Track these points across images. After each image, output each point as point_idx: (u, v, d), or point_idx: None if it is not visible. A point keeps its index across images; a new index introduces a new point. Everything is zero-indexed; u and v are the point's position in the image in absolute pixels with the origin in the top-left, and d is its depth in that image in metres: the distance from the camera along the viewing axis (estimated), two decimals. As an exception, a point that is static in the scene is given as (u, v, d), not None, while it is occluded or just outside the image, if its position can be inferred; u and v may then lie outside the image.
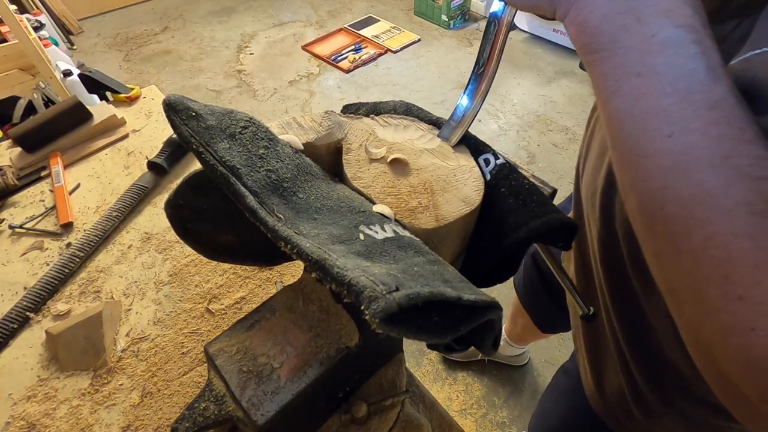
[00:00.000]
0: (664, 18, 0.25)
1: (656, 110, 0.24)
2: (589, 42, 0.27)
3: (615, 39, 0.26)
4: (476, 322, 0.29)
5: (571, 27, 0.29)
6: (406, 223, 0.38)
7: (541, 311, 0.89)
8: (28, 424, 0.55)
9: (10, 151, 0.88)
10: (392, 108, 0.49)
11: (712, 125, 0.23)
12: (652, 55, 0.25)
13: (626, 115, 0.26)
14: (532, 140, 2.19)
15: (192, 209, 0.42)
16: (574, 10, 0.28)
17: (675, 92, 0.24)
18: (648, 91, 0.25)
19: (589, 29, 0.27)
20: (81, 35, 2.99)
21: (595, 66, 0.28)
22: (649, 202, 0.25)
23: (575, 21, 0.28)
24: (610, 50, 0.26)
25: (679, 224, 0.24)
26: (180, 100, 0.34)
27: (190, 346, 0.62)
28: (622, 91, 0.26)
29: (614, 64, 0.26)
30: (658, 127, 0.24)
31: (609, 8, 0.27)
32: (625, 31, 0.26)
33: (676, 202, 0.24)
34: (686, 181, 0.23)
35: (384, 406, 0.50)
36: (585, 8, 0.28)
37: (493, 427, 1.32)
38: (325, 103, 2.45)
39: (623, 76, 0.26)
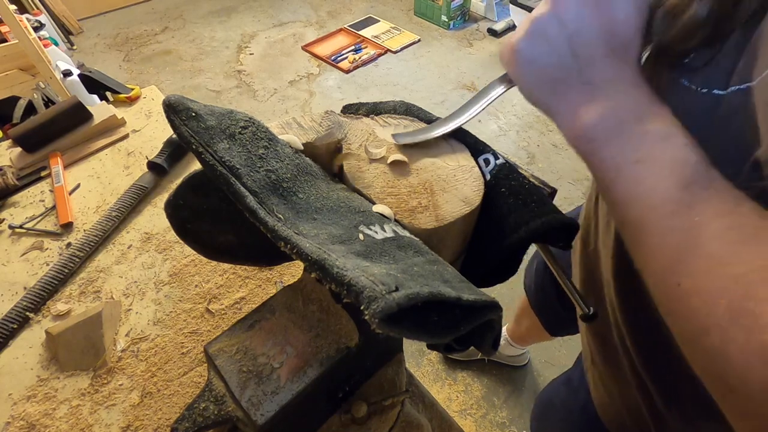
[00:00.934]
0: (655, 117, 0.29)
1: (657, 191, 0.27)
2: (586, 131, 0.31)
3: (612, 131, 0.29)
4: (476, 322, 0.29)
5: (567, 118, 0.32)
6: (406, 223, 0.38)
7: (551, 316, 0.89)
8: (28, 424, 0.55)
9: (10, 151, 0.88)
10: (392, 108, 0.49)
11: (713, 201, 0.25)
12: (649, 146, 0.28)
13: (630, 197, 0.28)
14: (532, 140, 2.19)
15: (192, 209, 0.42)
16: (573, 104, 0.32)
17: (672, 176, 0.27)
18: (649, 175, 0.27)
19: (587, 120, 0.31)
20: (81, 35, 2.99)
21: (594, 154, 0.31)
22: (664, 280, 0.26)
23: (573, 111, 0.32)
24: (607, 140, 0.30)
25: (698, 299, 0.24)
26: (180, 100, 0.34)
27: (190, 346, 0.62)
28: (624, 176, 0.29)
29: (613, 152, 0.29)
30: (662, 205, 0.27)
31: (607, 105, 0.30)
32: (621, 124, 0.29)
33: (690, 276, 0.25)
34: (697, 255, 0.25)
35: (384, 406, 0.50)
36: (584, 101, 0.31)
37: (492, 427, 1.32)
38: (325, 103, 2.45)
39: (623, 163, 0.29)
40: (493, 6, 2.98)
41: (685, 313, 0.25)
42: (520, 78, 0.35)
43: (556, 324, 0.90)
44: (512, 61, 0.35)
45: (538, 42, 0.33)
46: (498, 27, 2.86)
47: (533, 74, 0.34)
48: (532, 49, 0.33)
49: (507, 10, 2.91)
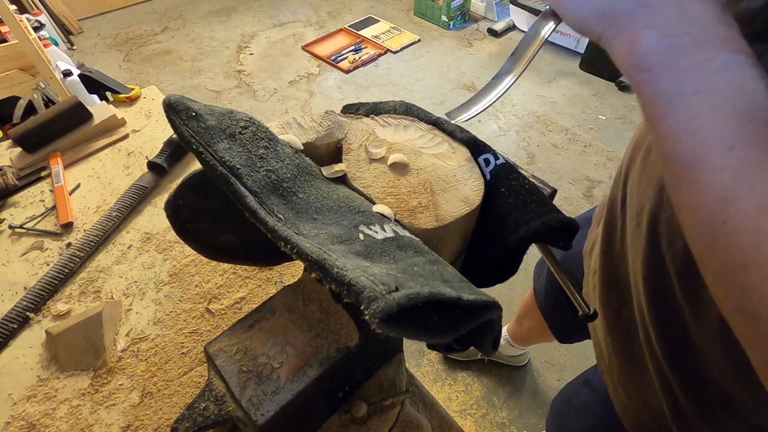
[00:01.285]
0: (722, 43, 0.26)
1: (715, 126, 0.24)
2: (641, 60, 0.27)
3: (671, 58, 0.26)
4: (476, 322, 0.29)
5: (621, 46, 0.29)
6: (406, 223, 0.38)
7: (561, 322, 0.87)
8: (28, 424, 0.55)
9: (10, 151, 0.88)
10: (392, 108, 0.49)
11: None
12: (711, 75, 0.25)
13: (682, 131, 0.26)
14: (532, 140, 2.19)
15: (192, 209, 0.42)
16: (627, 28, 0.28)
17: (734, 110, 0.24)
18: (706, 108, 0.25)
19: (642, 48, 0.27)
20: (81, 35, 2.99)
21: (646, 85, 0.28)
22: (710, 217, 0.25)
23: (628, 39, 0.28)
24: (664, 69, 0.26)
25: (744, 237, 0.23)
26: (180, 100, 0.34)
27: (190, 346, 0.62)
28: (677, 108, 0.26)
29: (669, 82, 0.26)
30: (717, 141, 0.24)
31: (666, 30, 0.27)
32: (681, 51, 0.26)
33: (739, 214, 0.23)
34: (750, 193, 0.23)
35: (384, 406, 0.50)
36: (640, 27, 0.28)
37: (492, 427, 1.32)
38: (325, 103, 2.45)
39: (679, 94, 0.26)
40: (493, 6, 2.98)
41: (726, 249, 0.24)
42: (569, 6, 0.32)
43: (565, 330, 0.88)
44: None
45: None
46: (498, 27, 2.86)
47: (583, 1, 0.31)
48: None
49: (507, 10, 2.91)
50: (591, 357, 0.67)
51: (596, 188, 1.96)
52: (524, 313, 1.14)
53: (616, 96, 2.41)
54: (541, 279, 0.90)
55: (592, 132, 2.22)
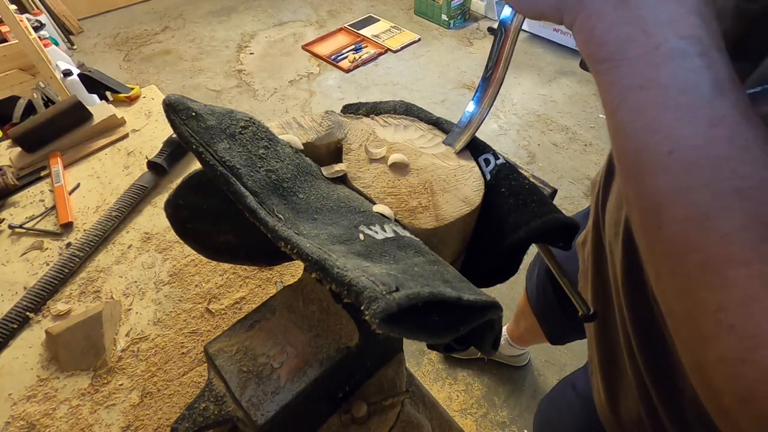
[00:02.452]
0: (669, 28, 0.24)
1: (658, 125, 0.24)
2: (595, 51, 0.27)
3: (621, 49, 0.26)
4: (476, 322, 0.29)
5: (579, 35, 0.28)
6: (406, 223, 0.38)
7: (553, 323, 0.87)
8: (28, 424, 0.55)
9: (10, 151, 0.88)
10: (392, 108, 0.49)
11: (713, 144, 0.22)
12: (656, 68, 0.24)
13: (630, 128, 0.25)
14: (532, 140, 2.19)
15: (192, 209, 0.42)
16: (580, 18, 0.28)
17: (677, 107, 0.23)
18: (650, 105, 0.24)
19: (596, 38, 0.27)
20: (81, 35, 2.99)
21: (602, 76, 0.27)
22: (649, 220, 0.25)
23: (583, 29, 0.28)
24: (616, 60, 0.26)
25: (675, 246, 0.23)
26: (180, 100, 0.34)
27: (190, 346, 0.62)
28: (626, 103, 0.25)
29: (620, 74, 0.26)
30: (659, 143, 0.24)
31: (615, 17, 0.26)
32: (630, 41, 0.25)
33: (673, 222, 0.23)
34: (684, 202, 0.23)
35: (384, 406, 0.50)
36: (591, 17, 0.27)
37: (493, 426, 1.32)
38: (325, 103, 2.44)
39: (628, 88, 0.25)
40: (493, 5, 2.98)
41: (660, 255, 0.24)
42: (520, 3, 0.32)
43: (558, 332, 0.88)
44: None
45: None
46: (498, 26, 2.86)
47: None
48: None
49: (507, 9, 2.91)
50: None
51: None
52: (520, 314, 1.14)
53: (617, 95, 2.41)
54: (533, 280, 0.90)
55: (592, 131, 2.22)
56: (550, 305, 0.84)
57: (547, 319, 0.88)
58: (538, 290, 0.87)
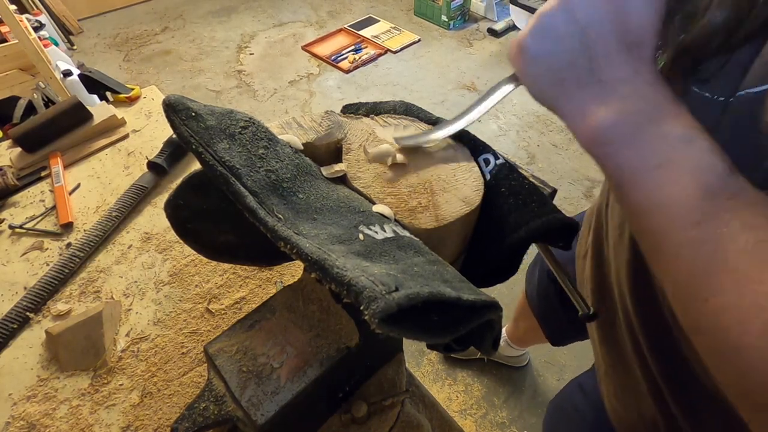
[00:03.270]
0: (675, 120, 0.27)
1: (680, 199, 0.25)
2: (601, 134, 0.29)
3: (628, 133, 0.27)
4: (476, 322, 0.29)
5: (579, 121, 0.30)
6: (406, 223, 0.38)
7: (554, 324, 0.87)
8: (28, 424, 0.55)
9: (10, 151, 0.88)
10: (392, 108, 0.49)
11: (739, 212, 0.24)
12: (670, 149, 0.26)
13: (651, 205, 0.27)
14: (532, 140, 2.19)
15: (192, 209, 0.42)
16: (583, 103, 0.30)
17: (696, 183, 0.25)
18: (670, 182, 0.26)
19: (601, 121, 0.29)
20: (81, 35, 2.99)
21: (609, 158, 0.29)
22: (691, 293, 0.25)
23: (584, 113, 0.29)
24: (623, 143, 0.28)
25: (728, 316, 0.23)
26: (180, 100, 0.35)
27: (190, 346, 0.62)
28: (643, 182, 0.27)
29: (630, 156, 0.27)
30: (685, 215, 0.25)
31: (620, 107, 0.28)
32: (638, 127, 0.27)
33: (719, 292, 0.24)
34: (726, 269, 0.23)
35: (384, 406, 0.50)
36: (595, 102, 0.29)
37: (493, 427, 1.32)
38: (325, 103, 2.44)
39: (642, 168, 0.27)
40: (493, 6, 2.98)
41: (714, 330, 0.24)
42: (527, 76, 0.33)
43: (559, 334, 0.87)
44: (518, 58, 0.33)
45: (545, 37, 0.31)
46: (498, 27, 2.86)
47: (540, 71, 0.32)
48: (539, 44, 0.31)
49: (507, 10, 2.91)
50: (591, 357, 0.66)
51: (596, 188, 1.96)
52: (520, 315, 1.14)
53: (616, 96, 2.41)
54: (533, 282, 0.89)
55: (592, 132, 2.22)
56: (551, 306, 0.84)
57: (548, 321, 0.88)
58: (539, 291, 0.87)
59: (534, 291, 0.89)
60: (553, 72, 0.31)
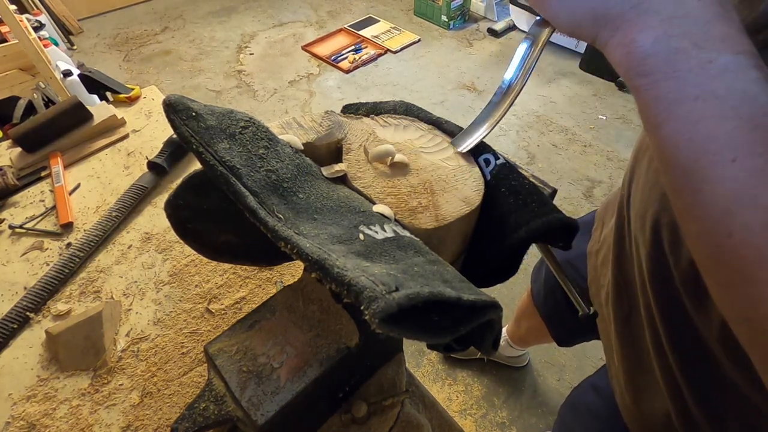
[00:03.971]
0: (722, 43, 0.24)
1: (717, 134, 0.24)
2: (638, 65, 0.27)
3: (669, 62, 0.25)
4: (476, 322, 0.29)
5: (617, 49, 0.28)
6: (406, 223, 0.38)
7: (561, 324, 0.86)
8: (28, 424, 0.55)
9: (10, 151, 0.88)
10: (392, 108, 0.49)
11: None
12: (712, 79, 0.24)
13: (682, 139, 0.25)
14: (532, 140, 2.19)
15: (192, 209, 0.42)
16: (621, 31, 0.27)
17: (737, 116, 0.23)
18: (708, 115, 0.24)
19: (639, 51, 0.26)
20: (81, 35, 2.99)
21: (645, 90, 0.27)
22: (714, 229, 0.24)
23: (623, 42, 0.27)
24: (663, 73, 0.25)
25: (750, 251, 0.23)
26: (180, 100, 0.35)
27: (190, 346, 0.62)
28: (677, 115, 0.25)
29: (668, 87, 0.25)
30: (720, 151, 0.23)
31: (662, 31, 0.26)
32: (680, 54, 0.25)
33: (744, 228, 0.23)
34: (755, 207, 0.23)
35: (384, 406, 0.50)
36: (634, 29, 0.27)
37: (492, 427, 1.32)
38: (325, 103, 2.44)
39: (679, 100, 0.25)
40: (493, 6, 2.98)
41: (731, 262, 0.24)
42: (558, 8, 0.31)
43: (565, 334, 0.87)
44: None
45: None
46: (498, 27, 2.86)
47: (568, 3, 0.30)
48: None
49: (507, 10, 2.91)
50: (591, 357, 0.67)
51: (596, 188, 1.96)
52: (522, 315, 1.13)
53: (616, 96, 2.41)
54: (540, 281, 0.89)
55: (592, 132, 2.22)
56: (557, 306, 0.83)
57: (555, 320, 0.87)
58: (545, 291, 0.86)
59: (540, 289, 0.88)
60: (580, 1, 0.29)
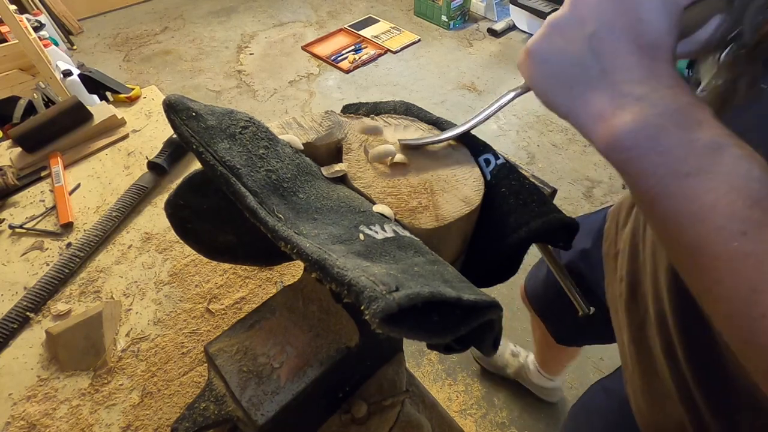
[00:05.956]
0: (700, 126, 0.25)
1: (719, 209, 0.23)
2: (622, 139, 0.27)
3: (653, 137, 0.26)
4: (476, 322, 0.29)
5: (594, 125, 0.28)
6: (406, 223, 0.38)
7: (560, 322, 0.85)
8: (28, 424, 0.55)
9: (10, 151, 0.88)
10: (392, 108, 0.49)
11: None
12: (700, 157, 0.24)
13: (684, 216, 0.25)
14: (532, 140, 2.19)
15: (192, 209, 0.42)
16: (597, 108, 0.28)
17: (734, 190, 0.23)
18: (704, 192, 0.24)
19: (618, 127, 0.27)
20: (81, 35, 2.99)
21: (630, 165, 0.27)
22: (743, 311, 0.23)
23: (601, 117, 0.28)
24: (648, 148, 0.26)
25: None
26: (180, 100, 0.35)
27: (190, 346, 0.62)
28: (671, 191, 0.25)
29: (655, 163, 0.25)
30: (726, 225, 0.23)
31: (639, 109, 0.26)
32: (663, 131, 0.25)
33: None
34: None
35: (384, 406, 0.50)
36: (611, 106, 0.27)
37: (493, 427, 1.32)
38: (325, 103, 2.44)
39: (670, 175, 0.25)
40: (493, 6, 2.98)
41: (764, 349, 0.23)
42: (537, 81, 0.32)
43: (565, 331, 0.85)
44: (526, 64, 0.32)
45: (553, 41, 0.30)
46: (498, 27, 2.86)
47: (548, 75, 0.31)
48: (546, 48, 0.31)
49: (507, 10, 2.91)
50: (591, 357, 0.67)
51: (596, 188, 1.96)
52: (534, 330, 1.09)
53: (616, 96, 2.41)
54: (536, 279, 0.88)
55: (592, 132, 2.22)
56: (557, 306, 0.82)
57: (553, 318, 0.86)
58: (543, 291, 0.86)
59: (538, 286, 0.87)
60: (560, 74, 0.30)
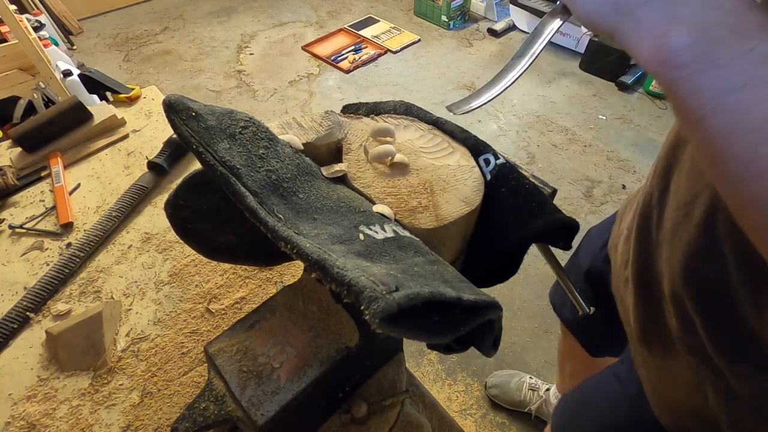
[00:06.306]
0: (760, 32, 0.24)
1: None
2: (673, 57, 0.25)
3: (708, 52, 0.25)
4: (476, 322, 0.29)
5: (643, 42, 0.27)
6: (406, 223, 0.38)
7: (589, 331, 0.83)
8: (28, 424, 0.55)
9: (10, 151, 0.88)
10: (392, 108, 0.49)
11: None
12: (757, 66, 0.23)
13: (737, 128, 0.24)
14: (532, 140, 2.19)
15: (192, 209, 0.42)
16: (647, 23, 0.27)
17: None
18: (760, 102, 0.23)
19: (671, 43, 0.25)
20: (81, 35, 2.99)
21: (682, 83, 0.26)
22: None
23: (650, 34, 0.27)
24: (702, 63, 0.25)
25: None
26: (180, 100, 0.35)
27: (190, 346, 0.62)
28: (724, 105, 0.24)
29: (711, 77, 0.24)
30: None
31: (695, 22, 0.25)
32: (718, 44, 0.24)
33: None
34: None
35: (384, 406, 0.50)
36: (662, 21, 0.26)
37: (492, 427, 1.32)
38: (325, 103, 2.44)
39: (724, 90, 0.24)
40: (493, 6, 2.98)
41: None
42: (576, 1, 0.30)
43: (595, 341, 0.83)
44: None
45: None
46: (498, 27, 2.86)
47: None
48: None
49: (507, 10, 2.91)
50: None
51: (596, 188, 1.96)
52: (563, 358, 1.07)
53: (616, 96, 2.41)
54: (558, 293, 0.85)
55: (592, 132, 2.22)
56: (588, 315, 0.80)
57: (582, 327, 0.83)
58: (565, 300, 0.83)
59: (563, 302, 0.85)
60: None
